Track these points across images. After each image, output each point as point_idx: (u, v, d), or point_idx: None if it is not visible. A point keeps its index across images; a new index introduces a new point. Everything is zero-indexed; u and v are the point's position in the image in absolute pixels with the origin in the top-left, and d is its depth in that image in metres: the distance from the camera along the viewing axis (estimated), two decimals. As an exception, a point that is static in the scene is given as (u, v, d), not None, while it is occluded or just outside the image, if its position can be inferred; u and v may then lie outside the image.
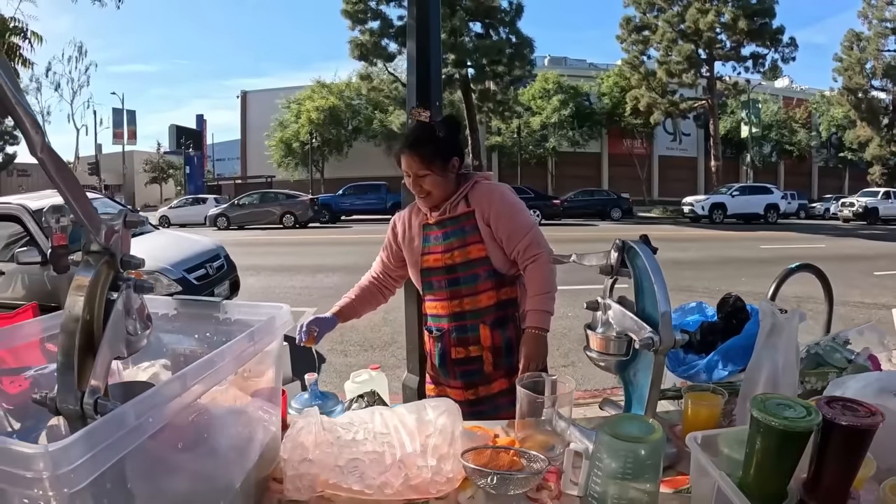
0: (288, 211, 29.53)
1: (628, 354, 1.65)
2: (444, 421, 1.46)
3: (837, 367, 2.19)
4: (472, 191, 2.36)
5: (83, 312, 1.02)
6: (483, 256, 2.32)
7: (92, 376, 1.02)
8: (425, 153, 2.28)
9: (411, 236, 2.46)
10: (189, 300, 1.69)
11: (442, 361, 2.42)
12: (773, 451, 1.14)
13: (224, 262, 7.86)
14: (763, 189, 33.59)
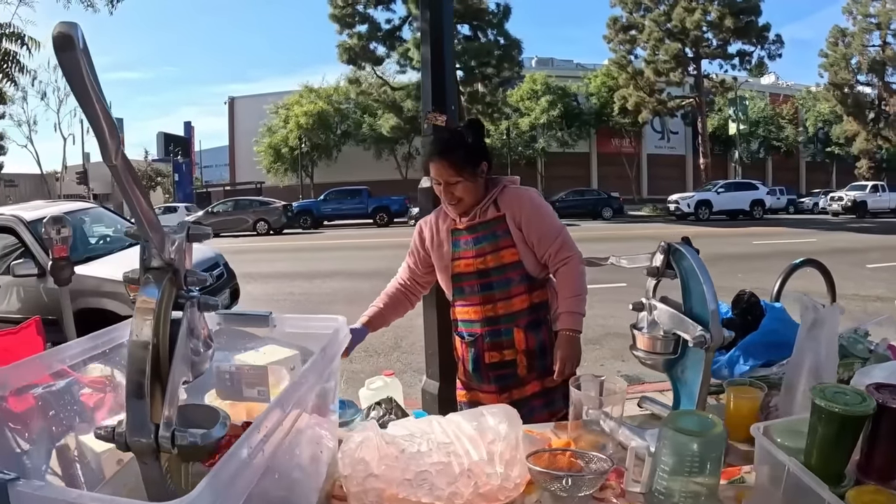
0: (261, 218, 29.53)
1: (676, 353, 1.65)
2: (507, 426, 1.45)
3: (861, 357, 2.23)
4: (501, 195, 2.35)
5: (151, 338, 0.97)
6: (516, 261, 2.30)
7: (164, 406, 0.96)
8: (456, 160, 2.26)
9: (440, 241, 2.43)
10: (234, 314, 1.65)
11: (476, 366, 2.40)
12: (834, 434, 1.22)
13: (224, 269, 7.80)
14: (748, 185, 33.75)
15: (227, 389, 1.58)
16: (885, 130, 43.44)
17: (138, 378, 0.95)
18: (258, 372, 1.53)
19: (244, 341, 1.66)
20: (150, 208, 0.96)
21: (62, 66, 0.76)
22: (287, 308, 9.58)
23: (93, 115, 0.82)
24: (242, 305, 8.41)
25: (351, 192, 34.34)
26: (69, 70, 0.77)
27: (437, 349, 3.73)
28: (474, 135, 2.33)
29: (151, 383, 0.96)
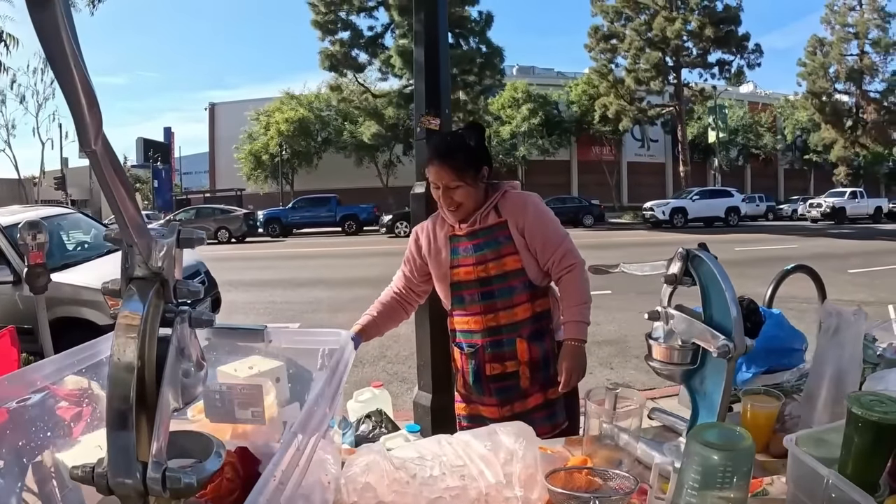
0: (222, 226, 29.63)
1: (694, 363, 1.58)
2: (522, 445, 1.36)
3: (871, 363, 2.21)
4: (502, 200, 2.27)
5: (136, 359, 0.82)
6: (519, 268, 2.23)
7: (152, 440, 0.82)
8: (457, 164, 2.19)
9: (437, 248, 2.35)
10: (226, 328, 1.53)
11: (476, 378, 2.31)
12: (871, 443, 1.20)
13: (205, 277, 7.65)
14: (723, 192, 34.23)
15: (216, 410, 1.45)
16: (862, 138, 44.10)
17: (121, 407, 0.80)
18: (252, 391, 1.41)
19: (225, 352, 1.54)
20: (135, 207, 0.80)
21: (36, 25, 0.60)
22: (269, 317, 9.47)
23: (70, 87, 0.65)
24: (224, 315, 8.28)
25: (319, 200, 34.44)
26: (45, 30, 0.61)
27: (429, 360, 3.63)
28: (476, 138, 2.26)
29: (137, 413, 0.81)
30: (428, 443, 1.45)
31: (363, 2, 30.67)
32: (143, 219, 0.84)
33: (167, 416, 0.85)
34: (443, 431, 2.13)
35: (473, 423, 2.33)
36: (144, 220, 0.84)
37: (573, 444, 1.67)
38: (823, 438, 1.32)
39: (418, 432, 2.15)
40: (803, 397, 1.75)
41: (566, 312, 2.22)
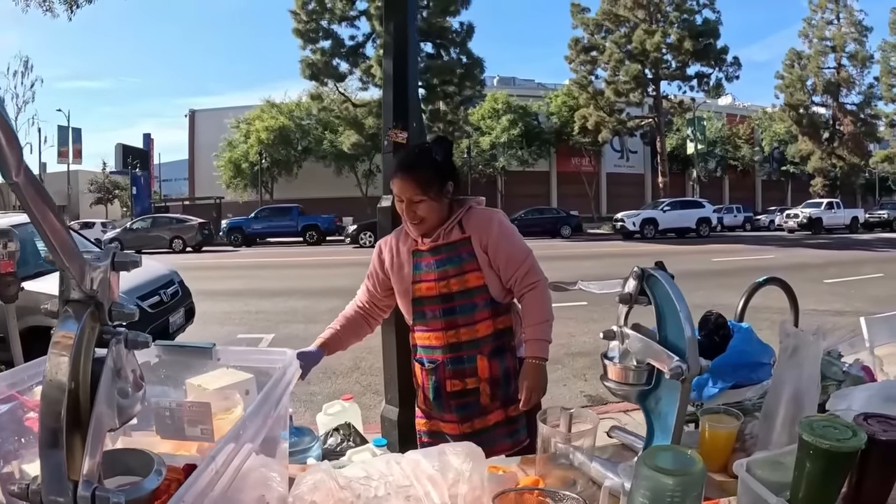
0: (177, 235, 29.76)
1: (650, 384, 1.58)
2: (470, 466, 1.34)
3: (836, 380, 2.22)
4: (466, 216, 2.26)
5: (69, 379, 0.83)
6: (481, 285, 2.21)
7: (84, 459, 0.82)
8: (421, 178, 2.17)
9: (400, 263, 2.33)
10: (174, 346, 1.52)
11: (436, 395, 2.29)
12: (823, 470, 1.17)
13: (178, 287, 7.57)
14: (695, 203, 34.54)
15: (167, 427, 1.46)
16: (839, 149, 44.86)
17: (53, 425, 0.81)
18: (201, 409, 1.40)
19: (198, 364, 1.53)
20: (65, 232, 0.82)
21: None
22: (245, 327, 9.41)
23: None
24: (198, 325, 8.21)
25: (282, 210, 34.65)
26: None
27: (395, 374, 3.61)
28: (443, 152, 2.25)
29: (70, 431, 0.82)
30: (378, 462, 1.43)
31: (345, 11, 30.63)
32: (75, 243, 0.85)
33: (101, 436, 0.85)
34: (410, 445, 2.12)
35: (434, 439, 2.33)
36: (76, 245, 0.85)
37: (528, 463, 1.66)
38: (780, 461, 1.31)
39: (385, 446, 2.14)
40: (761, 418, 1.75)
41: (527, 330, 2.22)
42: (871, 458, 1.21)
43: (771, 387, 1.75)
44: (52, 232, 0.81)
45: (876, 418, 1.29)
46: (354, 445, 2.39)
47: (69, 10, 13.08)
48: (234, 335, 8.82)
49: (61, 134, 46.60)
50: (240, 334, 8.88)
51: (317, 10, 30.58)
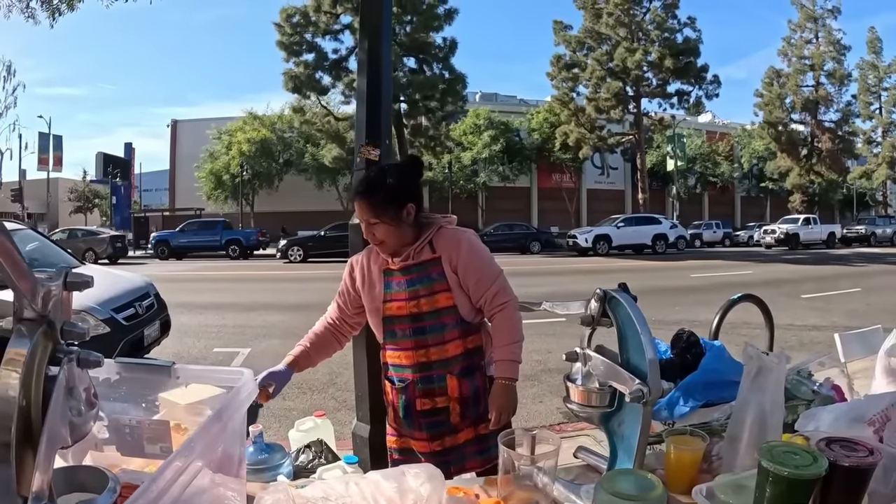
0: (90, 247, 29.77)
1: (612, 406, 1.58)
2: (429, 488, 1.34)
3: (805, 399, 2.22)
4: (436, 236, 2.26)
5: (19, 395, 0.83)
6: (451, 305, 2.22)
7: (35, 475, 0.82)
8: (375, 201, 2.18)
9: (371, 282, 2.33)
10: (135, 363, 1.51)
11: (407, 413, 2.29)
12: (783, 497, 1.18)
13: (154, 300, 7.49)
14: (650, 220, 34.27)
15: (126, 444, 1.45)
16: (817, 166, 45.55)
17: (3, 440, 0.82)
18: (160, 427, 1.40)
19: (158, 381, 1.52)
20: (16, 252, 0.83)
21: None
22: (221, 342, 9.33)
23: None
24: (175, 338, 8.14)
25: (207, 223, 34.98)
26: None
27: (367, 391, 3.59)
28: (401, 176, 2.26)
29: (20, 447, 0.83)
30: (336, 483, 1.42)
31: (329, 25, 30.68)
32: (26, 264, 0.84)
33: (52, 452, 0.86)
34: (381, 463, 2.11)
35: (404, 456, 2.33)
36: (27, 266, 0.85)
37: (491, 484, 1.65)
38: (743, 485, 1.31)
39: (356, 463, 2.13)
40: (726, 440, 1.75)
41: (497, 351, 2.22)
42: (833, 483, 1.22)
43: (735, 409, 1.76)
44: (3, 253, 0.81)
45: (839, 443, 1.29)
46: (326, 462, 2.38)
47: (51, 18, 13.02)
48: (210, 349, 8.76)
49: (42, 141, 45.92)
50: (216, 348, 8.81)
51: (301, 23, 30.62)
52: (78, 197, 52.76)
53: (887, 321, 3.04)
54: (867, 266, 23.19)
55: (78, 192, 52.71)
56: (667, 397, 2.48)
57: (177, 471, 0.94)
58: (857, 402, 2.15)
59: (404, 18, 31.03)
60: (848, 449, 1.26)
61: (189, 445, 1.03)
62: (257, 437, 1.93)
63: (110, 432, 1.46)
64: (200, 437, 1.07)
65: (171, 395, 1.55)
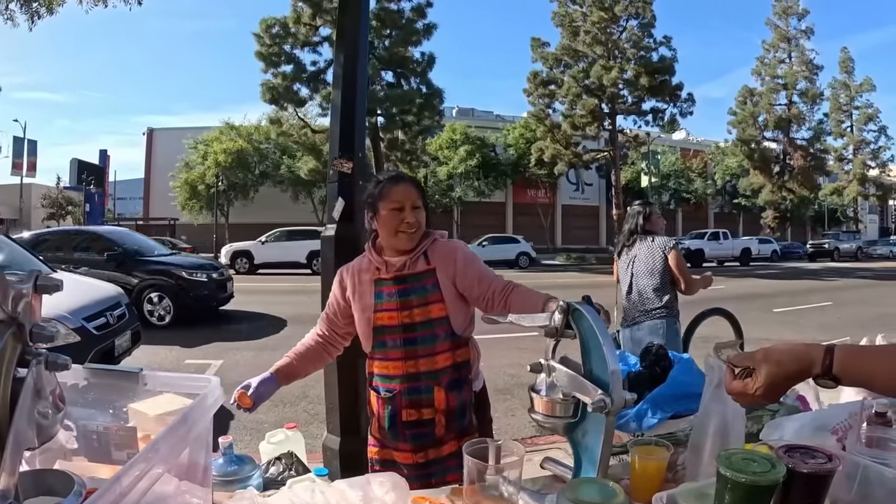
0: None
1: (576, 416, 1.60)
2: (393, 496, 1.35)
3: (770, 409, 2.24)
4: (431, 248, 2.30)
5: None
6: (443, 316, 2.24)
7: (1, 475, 0.83)
8: (420, 187, 2.30)
9: (361, 291, 2.33)
10: (103, 369, 1.50)
11: (392, 423, 2.28)
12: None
13: (126, 309, 7.43)
14: (511, 239, 35.87)
15: (94, 451, 1.44)
16: (789, 183, 46.28)
17: None
18: (127, 433, 1.40)
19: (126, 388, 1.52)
20: None
21: None
22: (194, 353, 9.26)
23: None
24: (145, 349, 8.08)
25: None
26: None
27: (337, 403, 3.58)
28: None
29: None
30: (302, 491, 1.43)
31: (308, 37, 30.60)
32: None
33: (19, 453, 0.87)
34: (351, 475, 2.11)
35: (386, 468, 2.30)
36: None
37: (457, 493, 1.67)
38: (706, 493, 1.32)
39: (326, 476, 2.13)
40: (689, 450, 1.78)
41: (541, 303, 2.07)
42: (792, 490, 1.24)
43: (697, 419, 1.78)
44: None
45: (799, 450, 1.31)
46: (296, 474, 2.37)
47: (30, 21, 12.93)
48: (182, 360, 8.70)
49: (16, 145, 45.23)
50: (188, 360, 8.75)
51: (280, 34, 30.50)
52: (51, 203, 52.02)
53: (858, 334, 3.09)
54: (838, 280, 23.56)
55: (51, 199, 52.00)
56: (635, 409, 2.51)
57: (139, 472, 0.95)
58: (821, 411, 2.17)
59: (383, 32, 31.07)
60: (807, 456, 1.28)
61: (153, 448, 1.03)
62: (227, 448, 1.93)
63: (78, 439, 1.46)
64: (164, 440, 1.07)
65: (140, 406, 1.55)
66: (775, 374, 1.20)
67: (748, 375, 1.23)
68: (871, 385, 1.18)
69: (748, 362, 1.24)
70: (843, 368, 1.14)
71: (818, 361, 1.16)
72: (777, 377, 1.20)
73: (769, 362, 1.21)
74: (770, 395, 1.23)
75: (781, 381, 1.21)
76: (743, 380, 1.24)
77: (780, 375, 1.20)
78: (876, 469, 1.35)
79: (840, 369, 1.14)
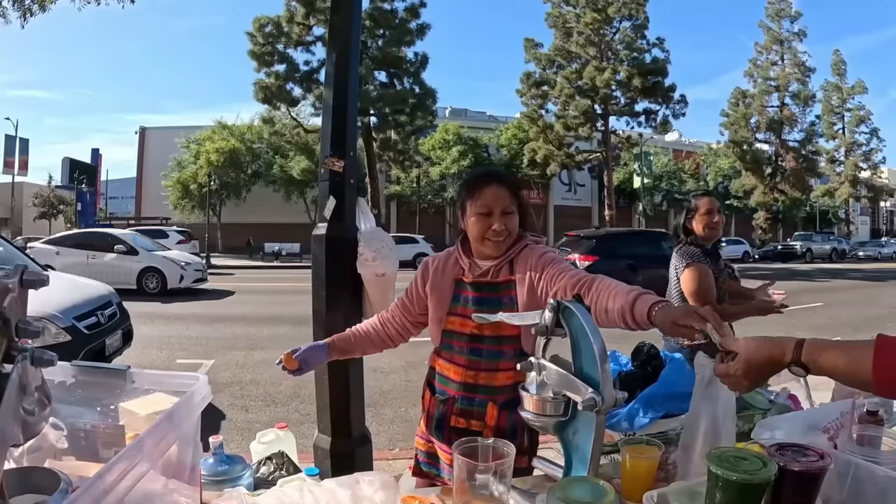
0: None
1: (567, 415, 1.59)
2: (382, 496, 1.34)
3: (761, 409, 2.24)
4: (519, 255, 2.15)
5: None
6: (515, 334, 2.10)
7: None
8: (516, 188, 2.12)
9: (441, 288, 2.24)
10: (91, 367, 1.49)
11: (439, 425, 2.22)
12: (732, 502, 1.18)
13: (117, 309, 7.36)
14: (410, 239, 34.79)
15: (82, 449, 1.43)
16: (781, 184, 46.48)
17: None
18: (115, 432, 1.39)
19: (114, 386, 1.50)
20: None
21: None
22: (185, 352, 9.22)
23: None
24: (137, 349, 8.03)
25: None
26: None
27: (328, 403, 3.54)
28: None
29: None
30: (291, 490, 1.43)
31: (301, 36, 30.58)
32: None
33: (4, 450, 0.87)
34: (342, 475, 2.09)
35: (431, 460, 2.29)
36: None
37: (447, 493, 1.66)
38: (697, 491, 1.31)
39: (317, 475, 2.12)
40: (680, 448, 1.77)
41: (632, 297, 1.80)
42: (784, 488, 1.24)
43: (688, 418, 1.78)
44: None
45: (791, 448, 1.31)
46: (287, 474, 2.36)
47: (22, 17, 12.84)
48: (173, 360, 8.65)
49: (8, 143, 45.03)
50: (179, 359, 8.71)
51: (273, 33, 30.50)
52: (43, 202, 51.76)
53: (849, 334, 3.10)
54: (829, 281, 23.65)
55: (43, 198, 51.71)
56: (626, 409, 2.51)
57: (122, 470, 0.94)
58: (812, 410, 2.18)
59: (377, 32, 31.08)
60: (798, 454, 1.29)
61: (137, 445, 1.02)
62: (218, 448, 1.92)
63: (67, 438, 1.45)
64: (149, 438, 1.06)
65: (131, 406, 1.54)
66: (752, 359, 1.34)
67: (733, 359, 1.37)
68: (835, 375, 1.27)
69: (734, 347, 1.38)
70: (810, 359, 1.25)
71: (789, 350, 1.28)
72: (753, 361, 1.34)
73: (749, 348, 1.35)
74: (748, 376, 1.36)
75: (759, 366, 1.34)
76: (727, 363, 1.39)
77: (756, 359, 1.33)
78: (867, 467, 1.35)
79: (808, 360, 1.26)
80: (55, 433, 1.42)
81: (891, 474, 1.30)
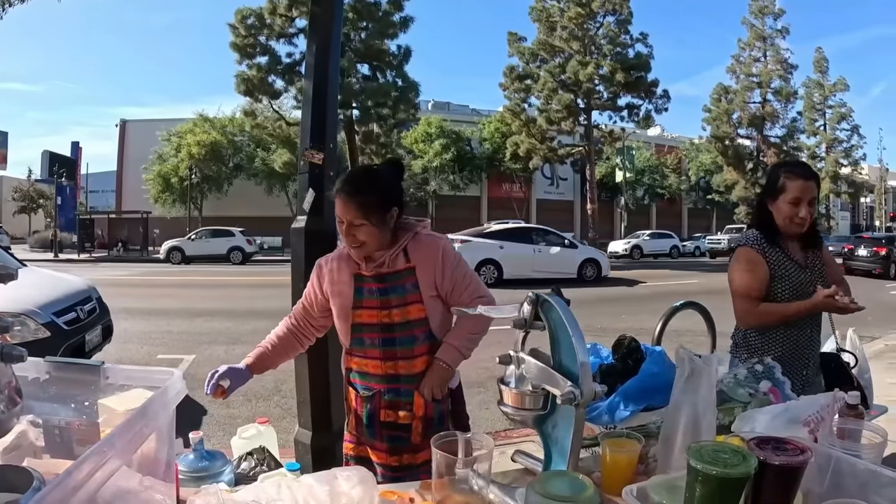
0: None
1: (546, 408, 1.59)
2: (360, 491, 1.33)
3: (742, 401, 2.24)
4: (412, 243, 2.21)
5: None
6: (422, 317, 2.18)
7: None
8: (364, 202, 2.10)
9: (340, 286, 2.26)
10: (64, 363, 1.47)
11: (370, 422, 2.25)
12: (713, 498, 1.17)
13: (96, 304, 7.28)
14: None
15: (56, 446, 1.41)
16: (762, 179, 46.50)
17: None
18: (90, 428, 1.37)
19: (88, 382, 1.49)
20: None
21: None
22: (165, 348, 9.16)
23: None
24: (117, 345, 7.97)
25: None
26: None
27: (308, 397, 3.54)
28: (391, 177, 2.22)
29: None
30: (268, 486, 1.41)
31: (283, 28, 30.34)
32: None
33: None
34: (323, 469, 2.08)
35: (361, 465, 2.29)
36: None
37: (427, 488, 1.65)
38: (677, 485, 1.31)
39: (298, 470, 2.11)
40: (660, 442, 1.77)
41: (451, 334, 2.22)
42: (764, 483, 1.23)
43: (668, 411, 1.78)
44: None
45: (771, 442, 1.30)
46: (268, 469, 2.35)
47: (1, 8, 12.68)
48: (154, 355, 8.59)
49: (-14, 137, 44.55)
50: (160, 355, 8.65)
51: (255, 25, 30.24)
52: (22, 196, 51.30)
53: (828, 327, 3.13)
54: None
55: (22, 192, 51.23)
56: (607, 402, 2.51)
57: (93, 466, 0.92)
58: (793, 403, 2.18)
59: (359, 25, 30.92)
60: (779, 448, 1.28)
61: (108, 441, 1.01)
62: (198, 443, 1.91)
63: (41, 435, 1.43)
64: (121, 434, 1.05)
65: (109, 402, 1.52)
66: None
67: None
68: None
69: None
70: None
71: None
72: None
73: None
74: None
75: None
76: None
77: None
78: (848, 461, 1.35)
79: None
80: (35, 431, 1.40)
81: (871, 467, 1.31)
